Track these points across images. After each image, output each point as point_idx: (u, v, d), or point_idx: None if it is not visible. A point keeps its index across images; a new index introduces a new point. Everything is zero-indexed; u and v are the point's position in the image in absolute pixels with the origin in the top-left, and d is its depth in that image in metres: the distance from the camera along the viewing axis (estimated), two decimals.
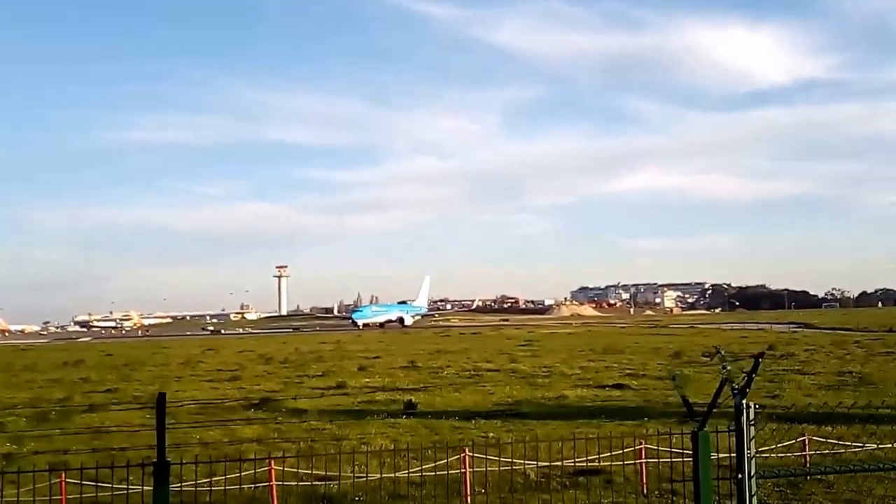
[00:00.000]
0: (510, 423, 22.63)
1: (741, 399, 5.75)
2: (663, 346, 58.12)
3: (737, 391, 5.77)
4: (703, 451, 5.87)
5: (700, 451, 5.86)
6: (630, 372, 37.01)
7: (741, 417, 5.77)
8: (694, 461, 5.90)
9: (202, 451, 17.46)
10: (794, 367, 37.16)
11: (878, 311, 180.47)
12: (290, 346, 75.88)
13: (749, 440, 5.75)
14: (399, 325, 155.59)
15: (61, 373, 47.20)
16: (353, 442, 19.65)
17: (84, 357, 62.83)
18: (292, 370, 45.00)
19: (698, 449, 5.87)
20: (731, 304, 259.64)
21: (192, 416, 24.39)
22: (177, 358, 60.27)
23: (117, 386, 37.27)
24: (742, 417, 5.76)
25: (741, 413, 5.76)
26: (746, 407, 5.77)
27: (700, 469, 5.83)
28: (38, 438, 20.18)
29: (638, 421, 21.49)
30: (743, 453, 5.73)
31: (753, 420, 5.76)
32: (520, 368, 40.65)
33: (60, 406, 27.92)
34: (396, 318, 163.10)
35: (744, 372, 5.82)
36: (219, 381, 39.16)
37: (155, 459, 6.78)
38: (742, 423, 5.76)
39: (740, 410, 5.77)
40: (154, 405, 6.91)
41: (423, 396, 28.55)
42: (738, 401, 5.76)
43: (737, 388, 5.77)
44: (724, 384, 5.84)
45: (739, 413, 5.77)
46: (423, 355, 53.81)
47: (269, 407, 27.19)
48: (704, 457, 5.87)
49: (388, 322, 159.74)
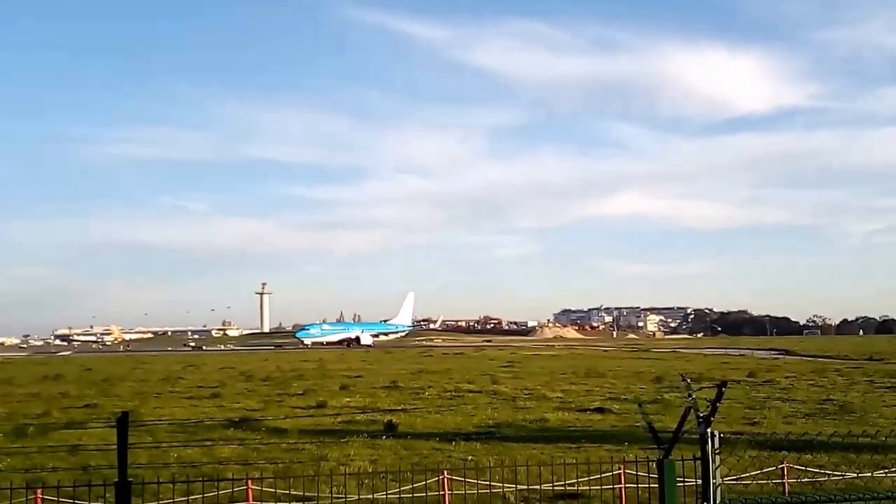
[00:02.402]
0: (491, 445, 22.61)
1: (706, 428, 5.79)
2: (645, 370, 58.27)
3: (701, 419, 5.81)
4: (669, 478, 5.92)
5: (666, 478, 5.90)
6: (612, 396, 37.09)
7: (706, 446, 5.80)
8: (660, 489, 5.95)
9: (180, 471, 17.34)
10: (774, 394, 37.37)
11: (858, 339, 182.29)
12: (271, 363, 75.51)
13: (714, 468, 5.79)
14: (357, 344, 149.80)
15: (40, 387, 46.74)
16: (332, 462, 19.59)
17: (63, 371, 62.17)
18: (273, 388, 44.76)
19: (664, 477, 5.91)
20: (712, 329, 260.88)
21: (171, 435, 24.20)
22: (157, 374, 59.81)
23: (96, 401, 36.89)
24: (707, 446, 5.80)
25: (706, 441, 5.80)
26: (711, 436, 5.80)
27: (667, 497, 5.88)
28: (15, 454, 19.97)
29: (619, 445, 21.54)
30: (709, 482, 5.77)
31: (718, 449, 5.80)
32: (502, 390, 40.64)
33: (38, 421, 27.62)
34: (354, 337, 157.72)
35: (708, 401, 5.90)
36: (199, 398, 38.85)
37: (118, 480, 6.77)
38: (707, 451, 5.80)
39: (705, 439, 5.81)
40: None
41: (404, 417, 28.47)
42: (703, 429, 5.80)
43: (701, 417, 5.82)
44: (688, 412, 5.89)
45: (704, 441, 5.81)
46: (405, 375, 53.72)
47: (248, 426, 27.02)
48: (670, 485, 5.93)
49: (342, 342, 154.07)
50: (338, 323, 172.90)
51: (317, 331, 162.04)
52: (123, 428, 6.65)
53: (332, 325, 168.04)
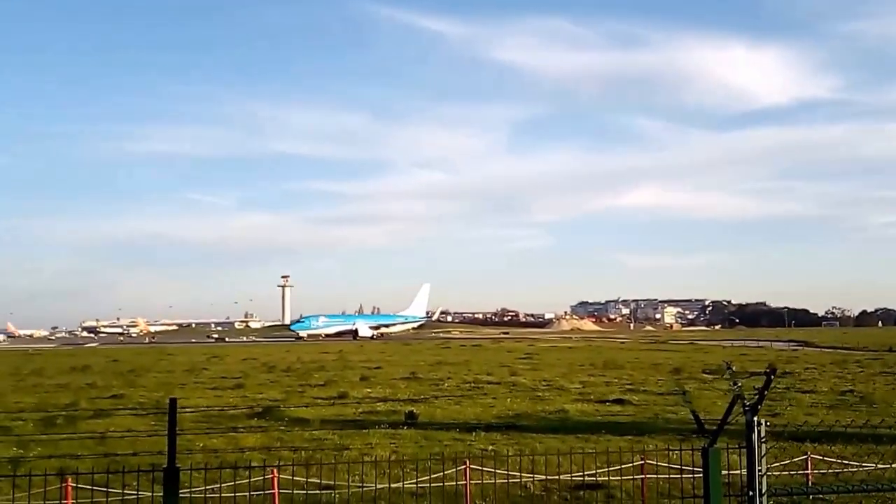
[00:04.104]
0: (511, 436, 22.71)
1: (752, 416, 5.75)
2: (663, 362, 58.14)
3: (748, 408, 5.77)
4: (714, 467, 5.86)
5: (711, 467, 5.85)
6: (630, 387, 37.10)
7: (752, 434, 5.76)
8: (704, 478, 5.89)
9: (206, 459, 17.61)
10: (794, 385, 37.19)
11: (878, 331, 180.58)
12: (292, 354, 75.98)
13: (760, 457, 5.76)
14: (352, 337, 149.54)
15: (68, 378, 47.33)
16: (354, 452, 19.78)
17: (91, 363, 63.04)
18: (295, 379, 45.17)
19: (709, 465, 5.86)
20: (730, 321, 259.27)
21: (196, 424, 24.49)
22: (182, 365, 60.42)
23: (123, 392, 37.38)
24: (753, 434, 5.76)
25: (752, 430, 5.76)
26: (758, 424, 5.77)
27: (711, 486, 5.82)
28: (45, 443, 20.33)
29: (638, 436, 21.61)
30: (754, 470, 5.73)
31: (764, 437, 5.76)
32: (520, 382, 40.73)
33: (67, 411, 28.05)
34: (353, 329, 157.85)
35: (755, 388, 5.90)
36: (223, 388, 39.29)
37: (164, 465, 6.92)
38: (753, 439, 5.75)
39: (751, 427, 5.76)
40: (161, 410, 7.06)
41: (424, 408, 28.63)
42: (750, 417, 5.76)
43: (748, 405, 5.78)
44: (735, 400, 5.84)
45: (750, 430, 5.76)
46: (424, 366, 53.95)
47: (271, 416, 27.31)
48: (715, 473, 5.85)
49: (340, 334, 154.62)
50: (336, 315, 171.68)
51: (314, 322, 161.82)
52: (173, 413, 6.80)
53: (330, 318, 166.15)
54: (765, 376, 6.02)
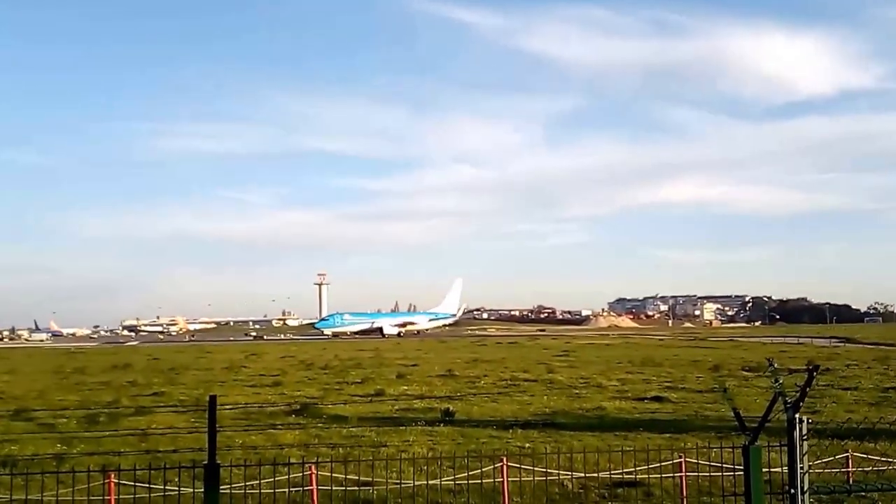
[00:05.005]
0: (548, 433, 22.59)
1: (794, 413, 5.69)
2: (702, 359, 57.42)
3: (789, 405, 5.71)
4: (755, 465, 5.81)
5: (752, 465, 5.79)
6: (669, 385, 36.71)
7: (794, 432, 5.70)
8: (745, 475, 5.84)
9: (246, 455, 17.84)
10: (836, 382, 36.47)
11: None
12: (329, 352, 76.57)
13: (802, 455, 5.69)
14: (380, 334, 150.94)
15: (110, 376, 48.17)
16: (391, 449, 19.85)
17: (132, 361, 64.14)
18: (332, 376, 45.48)
19: (750, 463, 5.81)
20: (771, 317, 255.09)
21: (235, 421, 24.84)
22: (220, 363, 61.21)
23: (163, 389, 38.01)
24: (795, 432, 5.69)
25: (794, 427, 5.69)
26: (799, 421, 5.70)
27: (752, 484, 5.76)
28: (88, 440, 20.70)
29: (677, 434, 21.38)
30: (795, 468, 5.66)
31: (806, 435, 5.70)
32: (557, 379, 40.52)
33: (109, 408, 28.58)
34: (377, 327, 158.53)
35: (796, 385, 5.79)
36: (261, 386, 39.70)
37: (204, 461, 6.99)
38: (795, 437, 5.69)
39: (793, 425, 5.70)
40: (201, 407, 7.14)
41: (461, 405, 28.61)
42: (791, 415, 5.70)
43: (789, 402, 5.71)
44: (777, 397, 5.77)
45: (792, 427, 5.70)
46: (461, 364, 53.94)
47: (309, 413, 27.54)
48: (756, 471, 5.79)
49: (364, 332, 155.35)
50: (361, 313, 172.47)
51: (338, 320, 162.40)
52: (213, 410, 6.86)
53: (354, 316, 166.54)
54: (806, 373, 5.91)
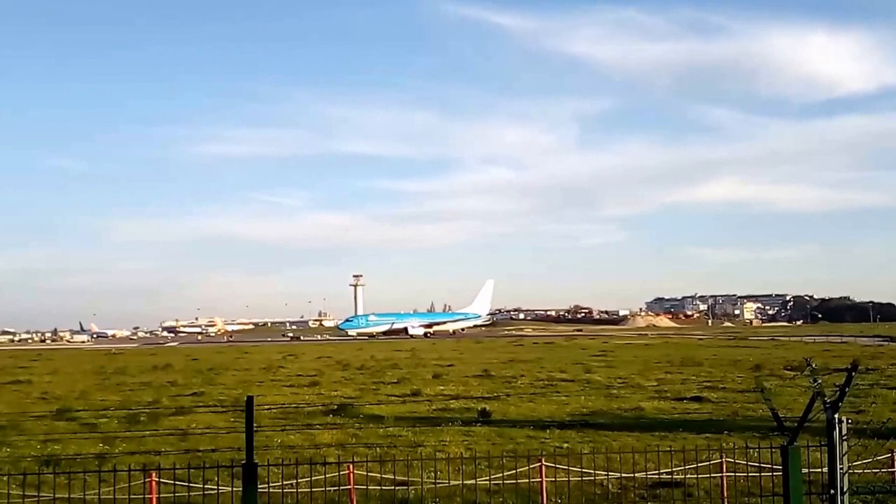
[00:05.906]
0: (585, 433, 22.43)
1: (833, 413, 5.59)
2: (743, 358, 56.59)
3: (829, 405, 5.61)
4: (794, 465, 5.71)
5: (790, 465, 5.71)
6: (708, 385, 36.19)
7: (833, 432, 5.60)
8: (784, 476, 5.74)
9: (283, 455, 18.00)
10: (879, 381, 35.63)
11: None
12: (365, 352, 76.93)
13: (842, 455, 5.60)
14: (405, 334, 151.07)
15: (150, 376, 48.90)
16: (428, 448, 19.88)
17: (171, 361, 65.04)
18: (368, 376, 45.70)
19: (788, 464, 5.73)
20: (813, 316, 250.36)
21: (273, 421, 25.08)
22: (258, 363, 61.83)
23: (203, 389, 38.54)
24: (834, 432, 5.60)
25: (833, 428, 5.60)
26: (839, 422, 5.60)
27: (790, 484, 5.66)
28: (129, 439, 21.06)
29: (717, 434, 21.08)
30: (836, 469, 5.57)
31: (846, 435, 5.59)
32: (594, 379, 40.23)
33: (150, 408, 29.03)
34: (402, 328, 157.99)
35: (836, 386, 5.67)
36: (298, 386, 40.04)
37: (243, 461, 7.04)
38: (834, 437, 5.59)
39: (832, 425, 5.61)
40: (240, 408, 7.20)
41: (497, 405, 28.53)
42: (831, 415, 5.60)
43: (829, 403, 5.61)
44: (815, 398, 5.68)
45: (832, 428, 5.61)
46: (497, 364, 53.85)
47: (346, 413, 27.69)
48: (795, 472, 5.69)
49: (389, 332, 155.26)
50: (386, 314, 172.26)
51: (362, 321, 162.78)
52: (250, 410, 6.92)
53: (380, 316, 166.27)
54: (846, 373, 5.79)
